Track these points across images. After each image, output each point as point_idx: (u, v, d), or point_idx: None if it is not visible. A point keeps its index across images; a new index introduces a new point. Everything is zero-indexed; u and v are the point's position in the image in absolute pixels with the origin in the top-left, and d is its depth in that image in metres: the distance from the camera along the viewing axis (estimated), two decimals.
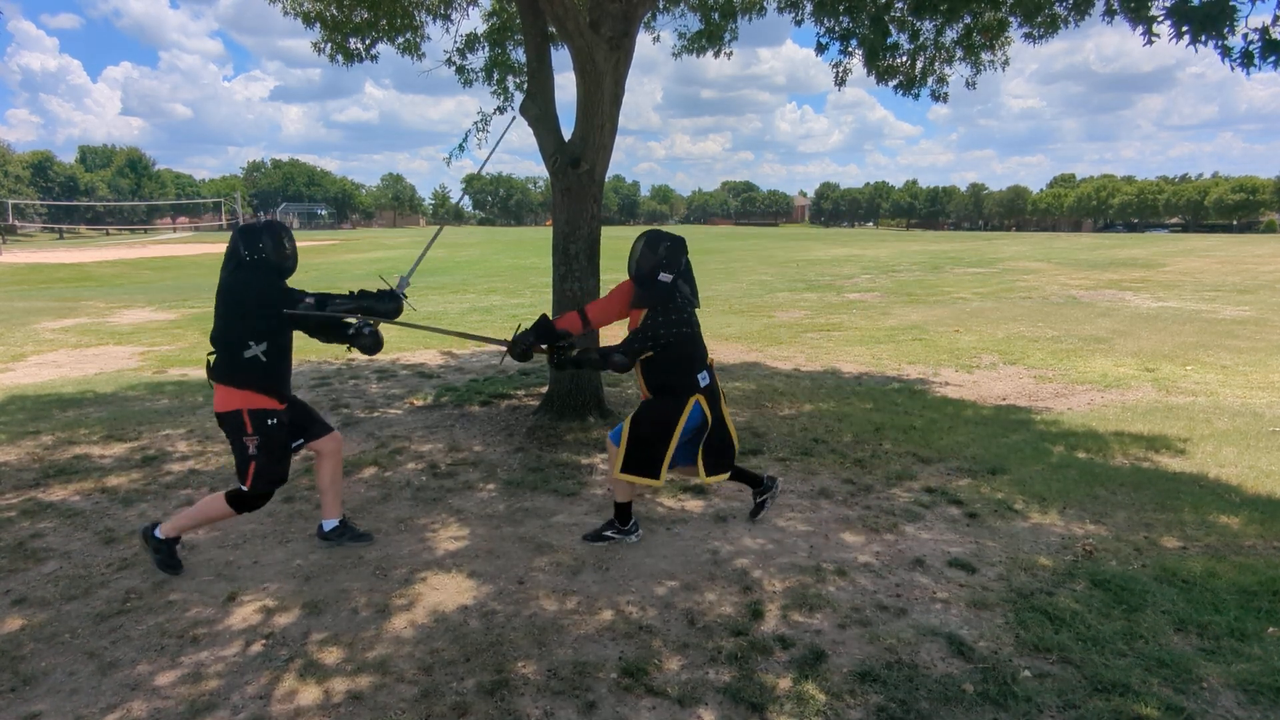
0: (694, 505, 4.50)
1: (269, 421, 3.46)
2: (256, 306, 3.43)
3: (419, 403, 7.07)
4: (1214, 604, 3.26)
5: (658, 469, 3.73)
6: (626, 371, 3.79)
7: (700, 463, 3.85)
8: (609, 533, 3.99)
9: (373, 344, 3.64)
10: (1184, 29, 3.02)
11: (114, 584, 3.53)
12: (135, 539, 4.00)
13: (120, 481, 4.90)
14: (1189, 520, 4.22)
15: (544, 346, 3.83)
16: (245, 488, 3.49)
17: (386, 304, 3.62)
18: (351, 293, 3.63)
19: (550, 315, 4.06)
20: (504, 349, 3.83)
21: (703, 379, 3.82)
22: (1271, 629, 3.06)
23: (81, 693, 2.73)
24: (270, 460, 3.48)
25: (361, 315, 3.59)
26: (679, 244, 3.79)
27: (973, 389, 7.67)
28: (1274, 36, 3.00)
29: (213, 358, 3.50)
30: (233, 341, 3.42)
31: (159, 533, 3.61)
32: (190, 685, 2.77)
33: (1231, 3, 2.93)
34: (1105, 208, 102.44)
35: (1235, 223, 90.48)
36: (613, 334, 4.85)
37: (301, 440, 3.74)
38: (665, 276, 3.71)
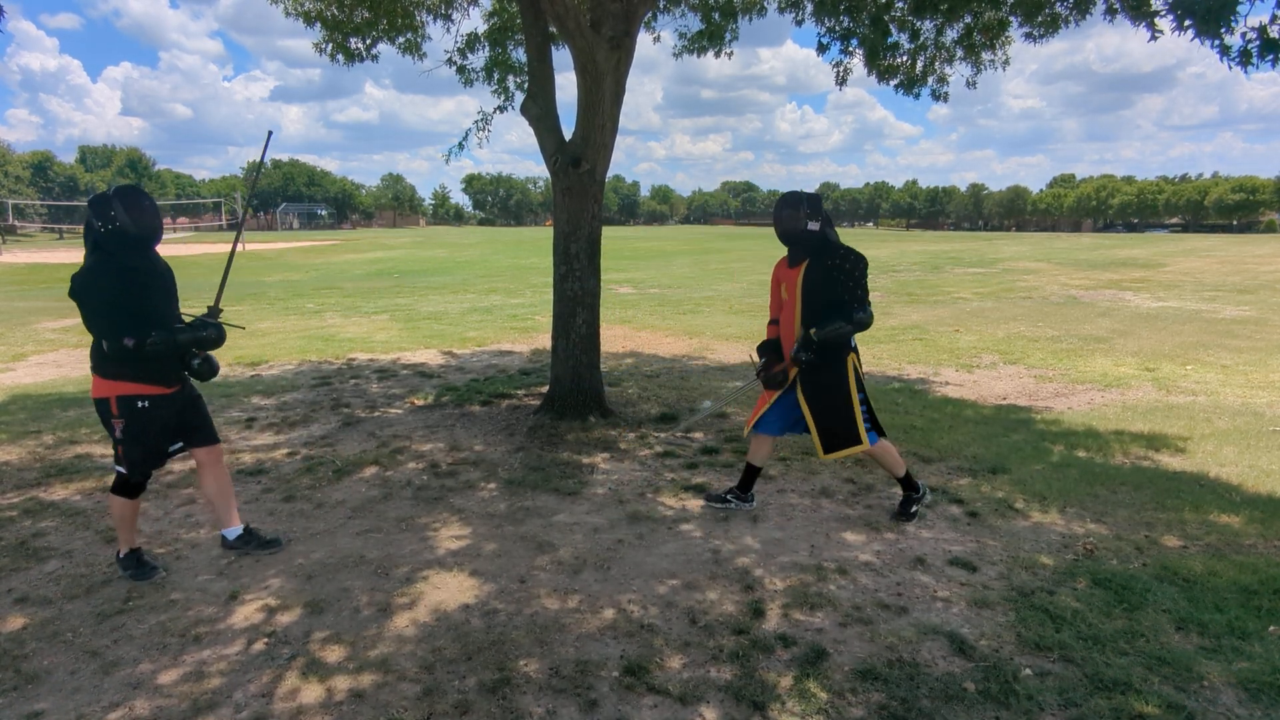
0: (695, 504, 4.51)
1: (138, 404, 3.37)
2: (118, 295, 3.25)
3: (420, 402, 7.08)
4: (1215, 602, 3.27)
5: (858, 432, 4.00)
6: (869, 325, 3.99)
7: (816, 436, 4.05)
8: (914, 509, 4.23)
9: (204, 372, 3.54)
10: (1186, 23, 3.02)
11: (116, 582, 3.54)
12: (138, 538, 4.01)
13: None
14: (1189, 519, 4.23)
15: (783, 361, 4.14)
16: (122, 470, 3.48)
17: (200, 334, 3.49)
18: (179, 326, 3.48)
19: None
20: (760, 384, 4.24)
21: (853, 340, 4.07)
22: (1272, 627, 3.07)
23: (84, 691, 2.74)
24: (137, 444, 3.42)
25: (188, 349, 3.47)
26: (817, 196, 4.02)
27: (973, 389, 7.67)
28: (1272, 35, 3.01)
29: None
30: (100, 331, 3.27)
31: (120, 553, 3.62)
32: (192, 684, 2.77)
33: None
34: (1105, 208, 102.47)
35: (1235, 223, 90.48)
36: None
37: (181, 444, 3.65)
38: (813, 225, 3.91)
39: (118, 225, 3.25)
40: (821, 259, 3.94)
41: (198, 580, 3.57)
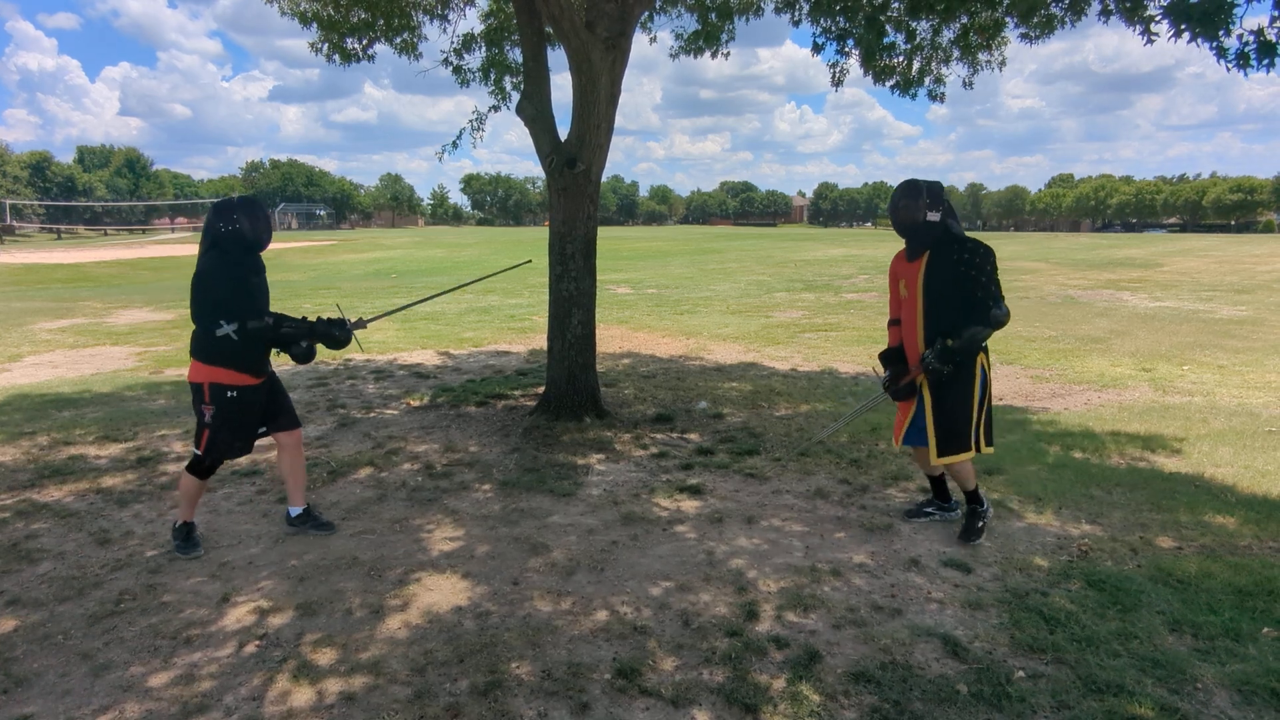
0: (690, 506, 4.50)
1: (227, 394, 3.67)
2: (225, 294, 3.61)
3: (415, 403, 7.07)
4: (1209, 604, 3.26)
5: (969, 440, 3.77)
6: (1006, 322, 3.69)
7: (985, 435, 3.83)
8: (979, 523, 3.99)
9: (305, 356, 3.86)
10: (1182, 27, 3.01)
11: (108, 585, 3.52)
12: (131, 540, 4.01)
13: (115, 482, 4.89)
14: (1184, 520, 4.22)
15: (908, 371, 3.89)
16: (199, 452, 3.73)
17: (337, 333, 3.91)
18: (305, 318, 3.89)
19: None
20: (885, 395, 4.03)
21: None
22: (1266, 629, 3.06)
23: (74, 694, 2.73)
24: (226, 429, 3.71)
25: (309, 340, 3.83)
26: (938, 184, 3.75)
27: None
28: (1269, 38, 3.00)
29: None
30: (207, 319, 3.61)
31: (176, 522, 3.88)
32: (183, 686, 2.76)
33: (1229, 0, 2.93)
34: (1103, 208, 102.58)
35: (1233, 222, 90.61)
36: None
37: (265, 428, 3.91)
38: (934, 215, 3.67)
39: (236, 228, 3.64)
40: (945, 252, 3.67)
41: (190, 582, 3.56)
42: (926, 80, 7.39)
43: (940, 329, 3.72)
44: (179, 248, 42.83)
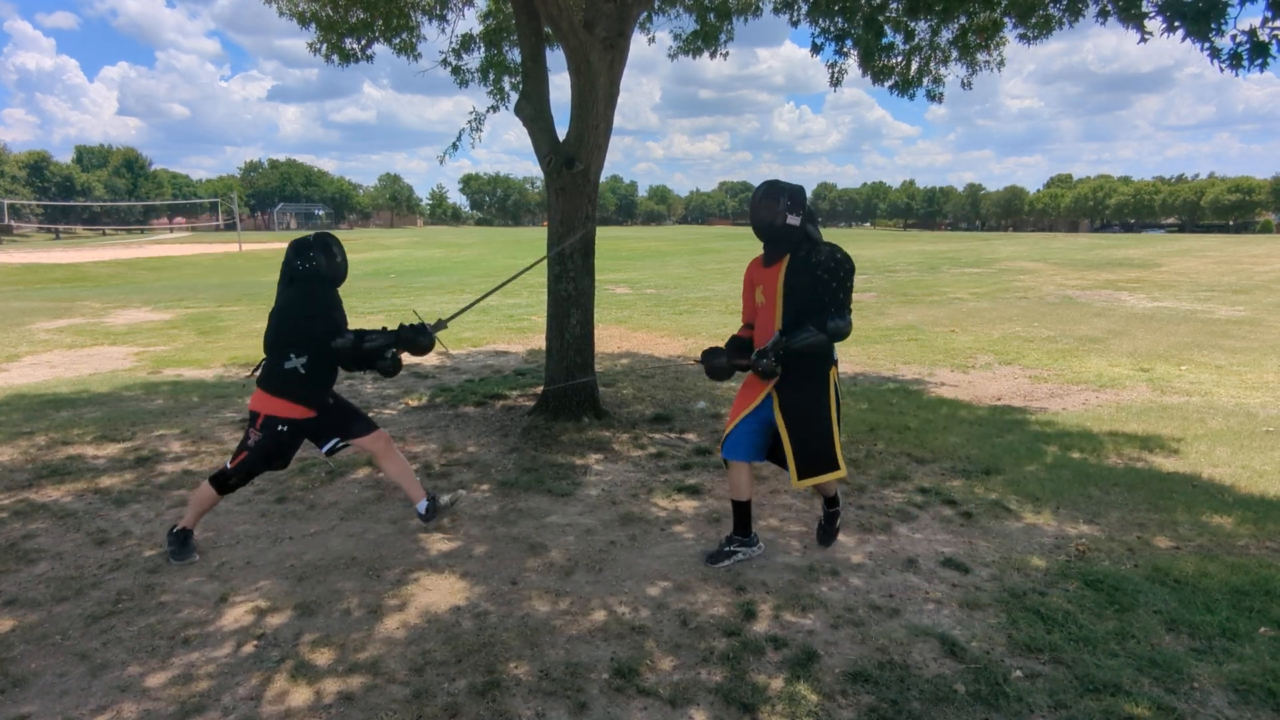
0: (688, 506, 4.50)
1: (279, 427, 3.71)
2: (303, 322, 3.67)
3: (414, 403, 7.07)
4: (1206, 604, 3.27)
5: (836, 457, 3.53)
6: (848, 335, 3.48)
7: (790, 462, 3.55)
8: (838, 524, 3.90)
9: (393, 368, 3.80)
10: (1176, 25, 3.02)
11: (105, 585, 3.52)
12: (129, 540, 4.01)
13: (113, 482, 4.89)
14: (1182, 520, 4.23)
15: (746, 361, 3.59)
16: (229, 466, 3.76)
17: (421, 338, 3.86)
18: (385, 328, 3.86)
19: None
20: (699, 365, 3.80)
21: (835, 351, 3.59)
22: (1263, 629, 3.07)
23: (72, 694, 2.72)
24: (260, 457, 3.75)
25: (395, 350, 3.79)
26: (799, 188, 3.55)
27: (968, 389, 7.68)
28: (1261, 38, 3.01)
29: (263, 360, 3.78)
30: (277, 352, 3.69)
31: (176, 528, 3.84)
32: (181, 686, 2.76)
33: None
34: (1102, 208, 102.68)
35: (1231, 223, 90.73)
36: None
37: (337, 439, 3.91)
38: (793, 219, 3.47)
39: (313, 266, 3.70)
40: (803, 257, 3.48)
41: (188, 582, 3.56)
42: (925, 80, 7.40)
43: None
44: (177, 247, 42.83)
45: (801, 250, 3.50)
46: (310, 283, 3.72)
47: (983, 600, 3.36)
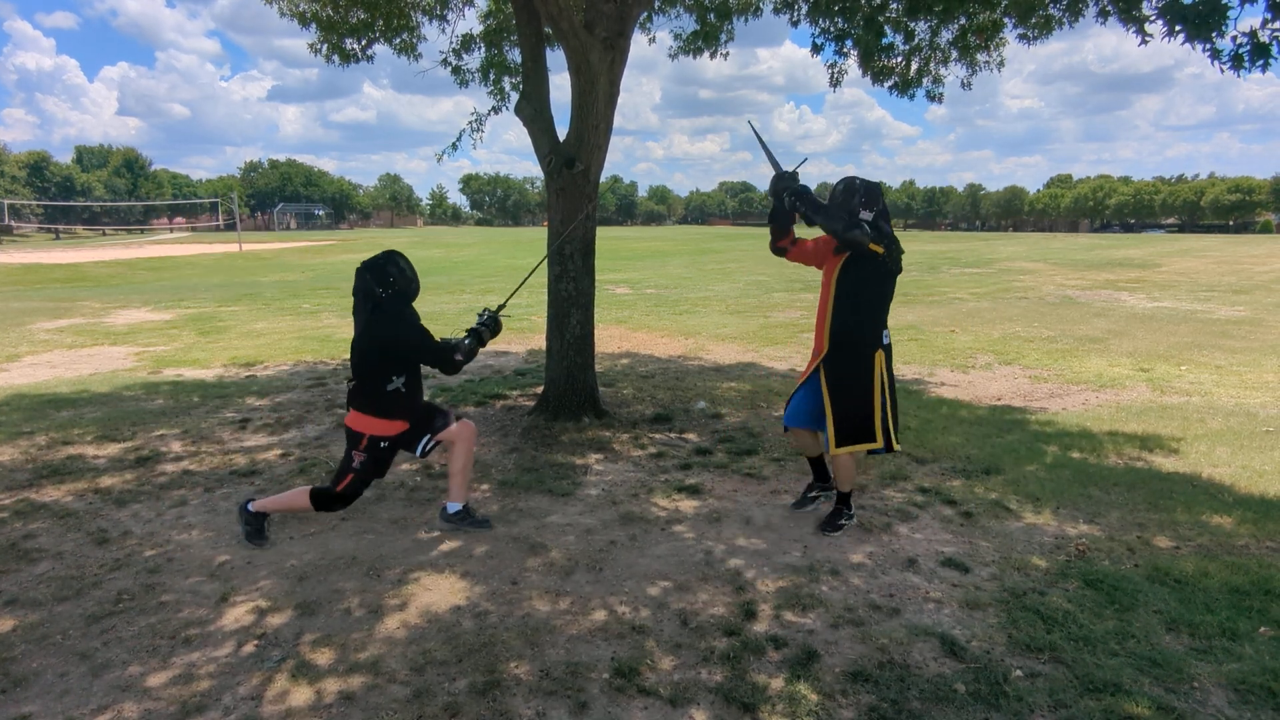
0: (688, 505, 4.51)
1: (381, 444, 3.80)
2: (413, 351, 3.78)
3: None
4: (1206, 604, 3.27)
5: (874, 430, 3.87)
6: (855, 246, 3.80)
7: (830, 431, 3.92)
8: (841, 521, 4.10)
9: (473, 353, 3.93)
10: (1177, 28, 3.02)
11: (106, 585, 3.52)
12: (129, 540, 4.01)
13: (114, 482, 4.89)
14: (1182, 520, 4.23)
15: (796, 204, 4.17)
16: (336, 490, 3.80)
17: (496, 327, 4.06)
18: (472, 331, 3.97)
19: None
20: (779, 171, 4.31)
21: (885, 336, 3.93)
22: (1263, 628, 3.07)
23: (72, 694, 2.73)
24: (364, 476, 3.82)
25: (469, 346, 3.90)
26: (876, 185, 3.91)
27: (968, 389, 7.68)
28: (1262, 40, 3.01)
29: (352, 384, 3.84)
30: (376, 377, 3.74)
31: (251, 506, 3.90)
32: (181, 686, 2.76)
33: (1224, 1, 2.93)
34: (1102, 208, 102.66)
35: (1231, 223, 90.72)
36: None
37: (429, 437, 3.97)
38: (866, 214, 3.81)
39: (396, 289, 3.75)
40: (867, 254, 3.79)
41: (188, 582, 3.56)
42: (925, 81, 7.40)
43: (844, 323, 3.90)
44: (178, 248, 42.84)
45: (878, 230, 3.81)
46: (400, 306, 3.77)
47: (983, 600, 3.36)
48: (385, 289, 3.72)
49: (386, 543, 4.00)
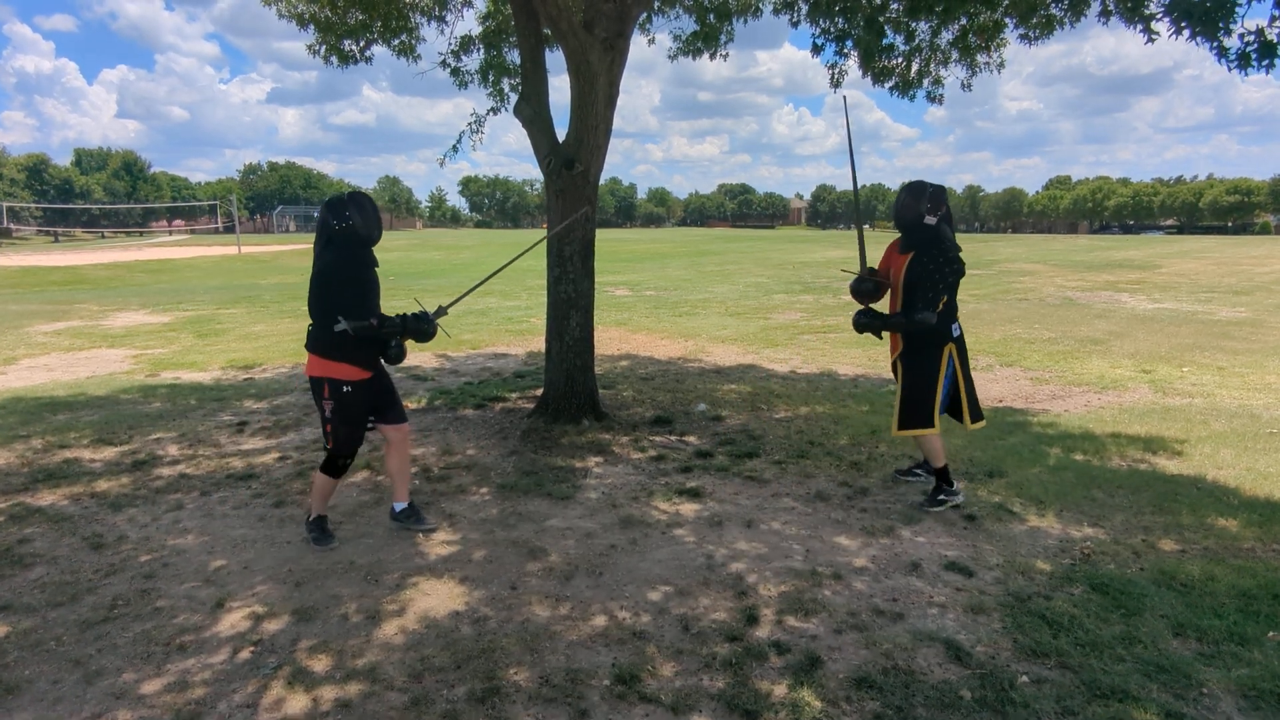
0: (689, 509, 4.47)
1: (344, 389, 3.75)
2: (344, 285, 3.70)
3: (412, 406, 7.02)
4: (1213, 608, 3.23)
5: (931, 417, 4.24)
6: (931, 324, 4.15)
7: (965, 411, 4.38)
8: (941, 497, 4.39)
9: (398, 356, 3.89)
10: (1183, 26, 2.99)
11: (101, 590, 3.48)
12: (125, 545, 3.97)
13: (109, 486, 4.85)
14: (1187, 523, 4.20)
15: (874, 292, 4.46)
16: (328, 447, 3.84)
17: (425, 326, 3.94)
18: (402, 315, 3.91)
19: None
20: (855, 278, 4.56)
21: (955, 329, 4.22)
22: (1272, 633, 3.03)
23: (65, 701, 2.69)
24: (344, 423, 3.80)
25: (401, 338, 3.87)
26: (941, 190, 4.13)
27: None
28: (1270, 38, 2.98)
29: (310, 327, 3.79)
30: (325, 316, 3.68)
31: (311, 518, 4.00)
32: (176, 694, 2.72)
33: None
34: (1101, 209, 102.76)
35: (1230, 224, 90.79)
36: None
37: (373, 421, 3.97)
38: (930, 219, 4.05)
39: (350, 225, 3.70)
40: (928, 254, 4.07)
41: (184, 588, 3.52)
42: (925, 82, 7.37)
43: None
44: (176, 250, 42.80)
45: (928, 248, 4.09)
46: (349, 244, 3.72)
47: (987, 604, 3.32)
48: (340, 223, 3.70)
49: (384, 547, 3.96)
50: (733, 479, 4.99)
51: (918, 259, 4.12)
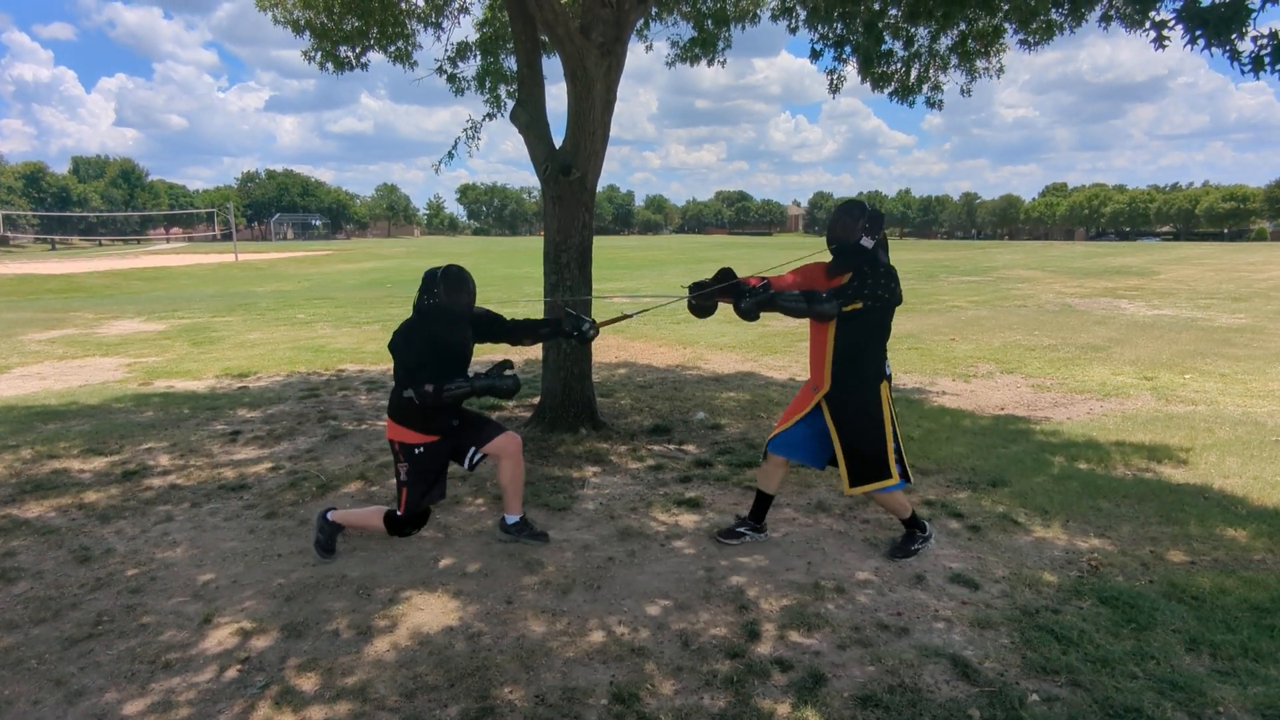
0: (688, 520, 4.39)
1: (416, 451, 3.70)
2: (418, 356, 3.66)
3: None
4: (1225, 622, 3.16)
5: (887, 466, 3.67)
6: (829, 320, 3.58)
7: (843, 468, 3.71)
8: (914, 545, 3.87)
9: (512, 388, 3.86)
10: (1197, 33, 2.93)
11: (85, 605, 3.40)
12: (112, 559, 3.88)
13: (98, 497, 4.76)
14: (1195, 533, 4.12)
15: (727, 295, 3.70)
16: (399, 512, 3.73)
17: (501, 383, 3.80)
18: (476, 374, 3.78)
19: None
20: (685, 298, 3.85)
21: (886, 366, 3.73)
22: None
23: None
24: (417, 487, 3.72)
25: (478, 396, 3.75)
26: (879, 214, 3.67)
27: (970, 398, 7.58)
28: None
29: None
30: (399, 382, 3.68)
31: (330, 515, 3.88)
32: (159, 714, 2.64)
33: (1247, 4, 2.84)
34: (1097, 216, 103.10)
35: (1226, 231, 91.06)
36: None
37: (474, 449, 3.91)
38: (867, 241, 3.58)
39: (435, 301, 3.70)
40: (871, 278, 3.55)
41: (171, 603, 3.44)
42: (924, 87, 7.33)
43: (846, 359, 3.64)
44: (173, 258, 42.71)
45: (864, 272, 3.58)
46: (436, 317, 3.71)
47: (994, 618, 3.24)
48: (429, 297, 3.71)
49: (378, 559, 3.88)
50: (732, 488, 4.91)
51: (857, 282, 3.58)
